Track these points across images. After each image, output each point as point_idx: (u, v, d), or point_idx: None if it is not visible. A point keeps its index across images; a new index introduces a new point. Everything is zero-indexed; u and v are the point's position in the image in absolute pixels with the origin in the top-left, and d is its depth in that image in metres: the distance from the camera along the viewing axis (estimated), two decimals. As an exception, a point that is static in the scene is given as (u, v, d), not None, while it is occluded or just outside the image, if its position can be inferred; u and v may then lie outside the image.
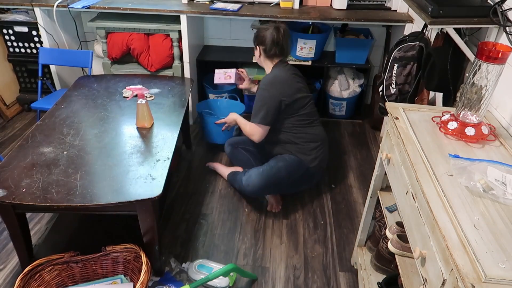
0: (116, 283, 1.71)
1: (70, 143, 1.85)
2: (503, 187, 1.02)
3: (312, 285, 1.86)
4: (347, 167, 2.66)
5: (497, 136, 1.26)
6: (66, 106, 2.17)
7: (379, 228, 1.70)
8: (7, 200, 1.52)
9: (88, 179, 1.64)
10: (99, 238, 2.02)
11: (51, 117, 2.06)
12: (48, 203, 1.51)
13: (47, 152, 1.79)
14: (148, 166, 1.73)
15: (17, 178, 1.62)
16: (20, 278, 1.55)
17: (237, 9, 2.70)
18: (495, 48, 1.13)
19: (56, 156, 1.77)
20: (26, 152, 1.78)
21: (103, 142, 1.88)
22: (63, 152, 1.80)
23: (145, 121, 1.99)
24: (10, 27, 2.93)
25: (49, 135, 1.91)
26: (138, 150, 1.84)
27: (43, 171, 1.67)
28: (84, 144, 1.86)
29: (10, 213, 1.62)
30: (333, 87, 3.10)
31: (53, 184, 1.60)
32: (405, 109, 1.39)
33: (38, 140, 1.87)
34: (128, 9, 2.70)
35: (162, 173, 1.68)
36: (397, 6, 2.78)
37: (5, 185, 1.58)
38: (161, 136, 1.94)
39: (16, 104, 3.23)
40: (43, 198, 1.53)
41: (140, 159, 1.78)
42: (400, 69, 2.09)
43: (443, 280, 0.88)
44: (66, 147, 1.83)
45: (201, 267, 1.89)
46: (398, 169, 1.27)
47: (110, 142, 1.89)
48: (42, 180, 1.62)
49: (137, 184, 1.62)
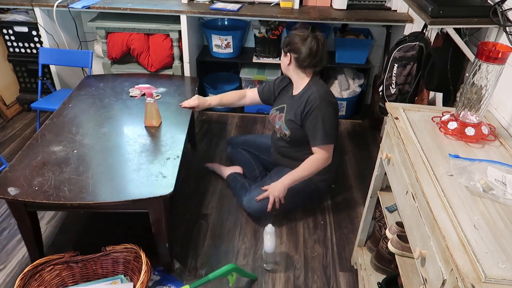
0: (116, 283, 1.71)
1: (79, 142, 1.87)
2: (503, 187, 1.02)
3: (312, 285, 1.86)
4: (347, 167, 2.66)
5: (497, 136, 1.26)
6: (73, 105, 2.17)
7: (379, 228, 1.70)
8: (20, 198, 1.53)
9: (99, 177, 1.66)
10: (102, 237, 2.03)
11: (59, 116, 2.07)
12: (61, 201, 1.53)
13: (58, 151, 1.80)
14: (159, 164, 1.74)
15: (29, 176, 1.64)
16: (20, 278, 1.55)
17: (237, 9, 2.70)
18: (495, 48, 1.13)
19: (66, 154, 1.78)
20: (36, 151, 1.80)
21: (112, 141, 1.90)
22: (73, 151, 1.81)
23: (153, 120, 2.00)
24: (10, 27, 2.93)
25: (58, 134, 1.92)
26: (148, 148, 1.85)
27: (55, 169, 1.68)
28: (93, 142, 1.87)
29: (22, 211, 1.64)
30: (333, 87, 3.10)
31: (65, 183, 1.61)
32: (405, 109, 1.39)
33: (48, 139, 1.88)
34: (128, 9, 2.70)
35: (173, 171, 1.70)
36: (397, 6, 2.78)
37: (17, 184, 1.59)
38: (170, 135, 1.95)
39: (16, 104, 3.23)
40: (55, 196, 1.54)
41: (150, 157, 1.79)
42: (400, 69, 2.09)
43: (443, 280, 0.88)
44: (76, 146, 1.84)
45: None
46: (398, 169, 1.27)
47: (119, 141, 1.90)
48: (54, 178, 1.63)
49: (149, 182, 1.64)
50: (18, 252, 1.98)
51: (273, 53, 3.00)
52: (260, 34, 2.96)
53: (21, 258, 1.96)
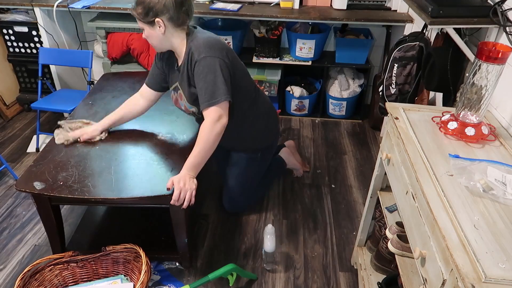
0: (116, 283, 1.71)
1: (101, 138, 1.88)
2: (503, 187, 1.02)
3: (312, 285, 1.86)
4: (347, 167, 2.66)
5: (497, 136, 1.26)
6: (93, 102, 2.18)
7: (379, 228, 1.70)
8: (46, 193, 1.56)
9: (122, 173, 1.68)
10: (118, 234, 2.04)
11: (80, 114, 2.07)
12: (86, 196, 1.55)
13: (80, 146, 1.82)
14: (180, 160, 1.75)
15: (53, 171, 1.66)
16: (20, 278, 1.55)
17: (237, 9, 2.70)
18: (495, 48, 1.13)
19: (89, 150, 1.80)
20: (59, 146, 1.81)
21: (134, 137, 1.91)
22: (96, 147, 1.82)
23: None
24: (10, 27, 2.93)
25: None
26: (168, 145, 1.87)
27: (78, 165, 1.70)
28: (115, 139, 1.89)
29: (46, 205, 1.67)
30: (333, 87, 3.10)
31: (88, 178, 1.63)
32: (405, 109, 1.39)
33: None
34: (128, 9, 2.70)
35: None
36: (397, 6, 2.78)
37: (42, 179, 1.62)
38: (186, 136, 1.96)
39: (16, 104, 3.23)
40: (80, 191, 1.57)
41: (170, 152, 1.80)
42: (400, 69, 2.09)
43: (443, 280, 0.88)
44: (98, 142, 1.85)
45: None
46: (398, 169, 1.27)
47: (140, 137, 1.92)
48: (77, 173, 1.65)
49: (170, 177, 1.64)
50: (18, 252, 1.98)
51: (273, 53, 3.00)
52: (260, 34, 2.96)
53: (21, 258, 1.96)
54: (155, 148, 1.84)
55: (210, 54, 1.60)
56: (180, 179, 1.57)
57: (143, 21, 1.60)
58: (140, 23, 1.62)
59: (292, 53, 3.02)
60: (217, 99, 1.60)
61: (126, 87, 2.34)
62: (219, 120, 1.62)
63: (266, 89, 3.09)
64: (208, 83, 1.60)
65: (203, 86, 1.61)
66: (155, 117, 2.04)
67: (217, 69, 1.59)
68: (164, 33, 1.62)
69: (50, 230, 1.77)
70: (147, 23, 1.60)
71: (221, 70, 1.60)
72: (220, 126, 1.63)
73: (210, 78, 1.59)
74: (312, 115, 3.26)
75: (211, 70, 1.59)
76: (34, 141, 2.82)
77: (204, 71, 1.60)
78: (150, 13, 1.56)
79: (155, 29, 1.61)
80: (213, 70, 1.59)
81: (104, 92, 2.28)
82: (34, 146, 2.80)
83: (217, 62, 1.60)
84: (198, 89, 1.64)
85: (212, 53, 1.60)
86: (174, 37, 1.66)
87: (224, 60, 1.63)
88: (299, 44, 2.92)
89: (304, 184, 2.49)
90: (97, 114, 2.05)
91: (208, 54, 1.60)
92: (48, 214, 1.70)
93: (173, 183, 1.56)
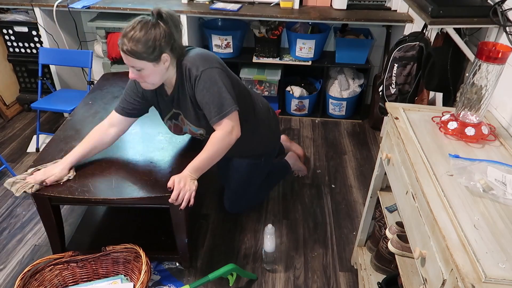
0: (116, 283, 1.71)
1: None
2: (503, 187, 1.02)
3: (312, 285, 1.86)
4: (347, 167, 2.66)
5: (497, 136, 1.26)
6: (93, 102, 2.17)
7: (379, 228, 1.70)
8: (46, 193, 1.57)
9: (122, 173, 1.68)
10: (119, 234, 2.03)
11: (80, 113, 2.07)
12: (86, 196, 1.55)
13: None
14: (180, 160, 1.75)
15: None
16: (20, 278, 1.55)
17: (237, 9, 2.70)
18: (495, 48, 1.13)
19: None
20: (59, 146, 1.82)
21: (134, 137, 1.91)
22: None
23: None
24: (10, 27, 2.93)
25: (79, 131, 1.93)
26: (168, 146, 1.87)
27: (78, 165, 1.70)
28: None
29: (46, 205, 1.67)
30: (333, 87, 3.10)
31: (89, 178, 1.64)
32: (405, 109, 1.39)
33: (70, 135, 1.90)
34: (128, 9, 2.70)
35: None
36: (397, 6, 2.78)
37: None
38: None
39: (16, 104, 3.23)
40: (80, 191, 1.57)
41: (171, 153, 1.81)
42: (400, 69, 2.09)
43: (443, 280, 0.88)
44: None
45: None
46: (398, 169, 1.27)
47: (140, 137, 1.92)
48: (78, 174, 1.66)
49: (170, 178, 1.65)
50: (18, 252, 1.98)
51: (273, 53, 3.00)
52: (260, 34, 2.96)
53: (21, 258, 1.96)
54: (155, 148, 1.84)
55: (208, 66, 1.55)
56: (181, 179, 1.54)
57: (146, 60, 1.45)
58: (137, 62, 1.44)
59: (292, 53, 3.02)
60: (226, 111, 1.55)
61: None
62: (232, 132, 1.59)
63: (266, 89, 3.09)
64: (214, 96, 1.54)
65: (209, 100, 1.55)
66: (155, 117, 2.04)
67: (218, 79, 1.55)
68: (168, 67, 1.53)
69: (50, 230, 1.77)
70: (151, 61, 1.46)
71: (221, 79, 1.56)
72: (233, 138, 1.60)
73: (214, 90, 1.54)
74: (312, 115, 3.26)
75: (213, 82, 1.55)
76: (34, 141, 2.82)
77: (206, 84, 1.54)
78: (157, 49, 1.44)
79: (159, 66, 1.50)
80: (214, 81, 1.55)
81: (104, 92, 2.27)
82: (34, 146, 2.80)
83: (216, 73, 1.56)
84: (204, 103, 1.56)
85: (209, 64, 1.56)
86: (171, 67, 1.56)
87: (221, 69, 1.60)
88: (299, 44, 2.92)
89: (304, 184, 2.49)
90: (97, 114, 2.05)
91: (206, 67, 1.54)
92: (48, 214, 1.70)
93: (174, 183, 1.55)
